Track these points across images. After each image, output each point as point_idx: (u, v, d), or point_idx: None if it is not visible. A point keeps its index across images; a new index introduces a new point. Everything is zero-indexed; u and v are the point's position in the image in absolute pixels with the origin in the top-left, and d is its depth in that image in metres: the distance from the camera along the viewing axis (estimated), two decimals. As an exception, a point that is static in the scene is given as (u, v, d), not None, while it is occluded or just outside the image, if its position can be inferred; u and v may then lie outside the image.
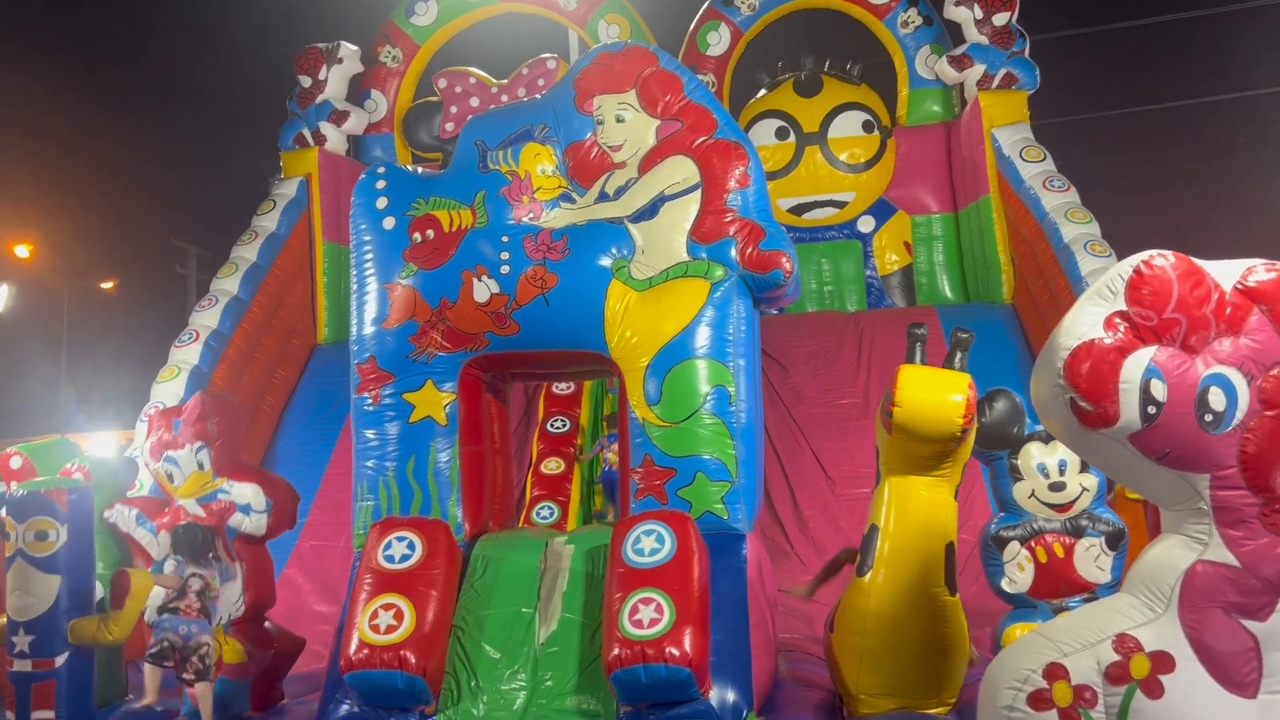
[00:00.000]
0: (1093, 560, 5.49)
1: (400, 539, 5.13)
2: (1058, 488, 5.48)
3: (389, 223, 5.65)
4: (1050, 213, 9.25)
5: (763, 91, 11.48)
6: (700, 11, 11.53)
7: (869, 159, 11.00)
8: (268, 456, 9.38)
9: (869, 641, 4.81)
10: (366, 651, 4.75)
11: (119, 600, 5.13)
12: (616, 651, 4.54)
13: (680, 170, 5.54)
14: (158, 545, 5.69)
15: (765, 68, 11.65)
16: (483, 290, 5.51)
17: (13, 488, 6.07)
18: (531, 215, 5.59)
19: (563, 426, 8.90)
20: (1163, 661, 3.26)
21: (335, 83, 11.11)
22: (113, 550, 6.00)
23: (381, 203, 5.69)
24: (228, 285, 9.82)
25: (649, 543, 4.86)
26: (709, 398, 5.32)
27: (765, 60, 11.72)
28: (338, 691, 4.98)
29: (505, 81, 11.43)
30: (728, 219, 5.47)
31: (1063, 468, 5.48)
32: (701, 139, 5.57)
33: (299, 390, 10.22)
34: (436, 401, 5.55)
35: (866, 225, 10.95)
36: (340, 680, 4.93)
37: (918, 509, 4.83)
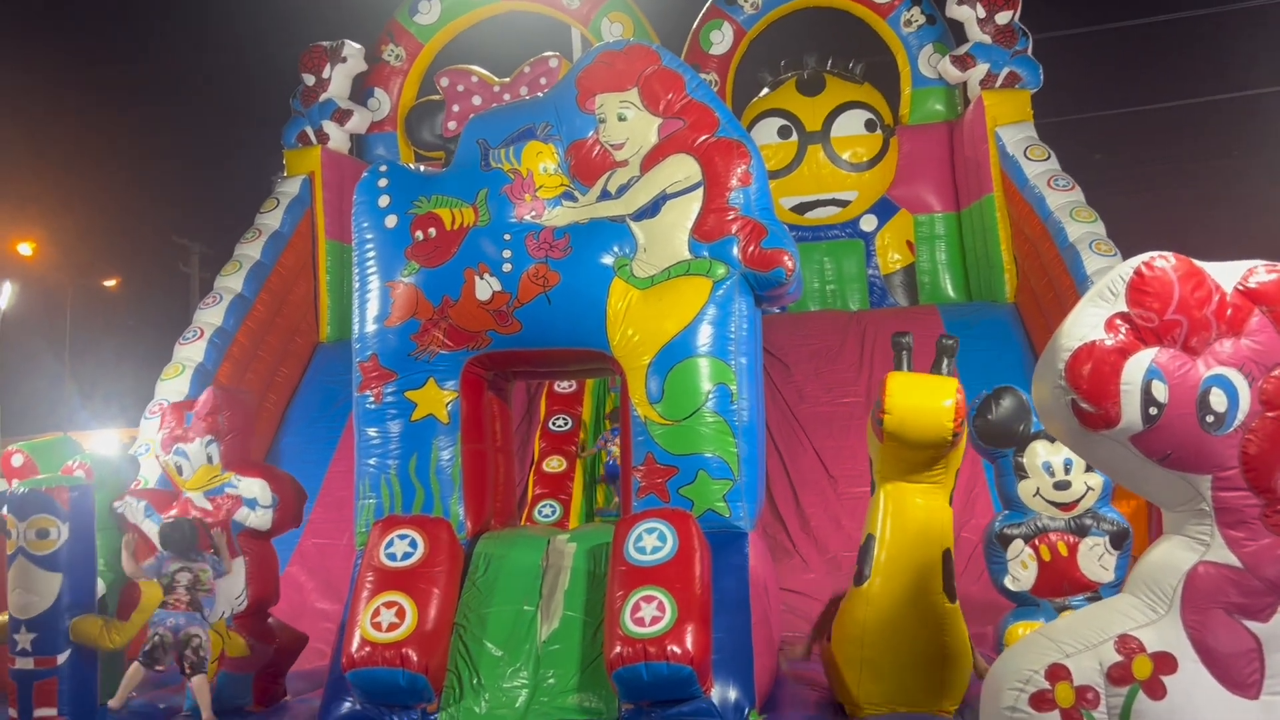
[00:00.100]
0: (1096, 559, 5.49)
1: (402, 537, 5.14)
2: (1063, 486, 5.48)
3: (391, 221, 5.65)
4: (1055, 212, 9.24)
5: (765, 90, 11.48)
6: (703, 10, 11.52)
7: (871, 158, 10.99)
8: (271, 454, 9.40)
9: (868, 651, 4.82)
10: (368, 649, 4.76)
11: (125, 611, 5.13)
12: (618, 649, 4.55)
13: (682, 168, 5.54)
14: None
15: (768, 66, 11.65)
16: (485, 288, 5.51)
17: (14, 485, 6.10)
18: (533, 213, 5.59)
19: (564, 425, 8.90)
20: (1165, 662, 3.26)
21: (339, 81, 11.12)
22: (116, 539, 6.01)
23: (384, 201, 5.70)
24: (231, 283, 9.84)
25: (651, 541, 4.87)
26: (711, 396, 5.32)
27: (768, 59, 11.72)
28: (340, 689, 4.99)
29: (508, 80, 11.44)
30: (730, 217, 5.47)
31: (1068, 466, 5.48)
32: (703, 137, 5.56)
33: (302, 388, 10.24)
34: (438, 399, 5.56)
35: (869, 224, 10.94)
36: (342, 677, 4.94)
37: (914, 517, 4.86)
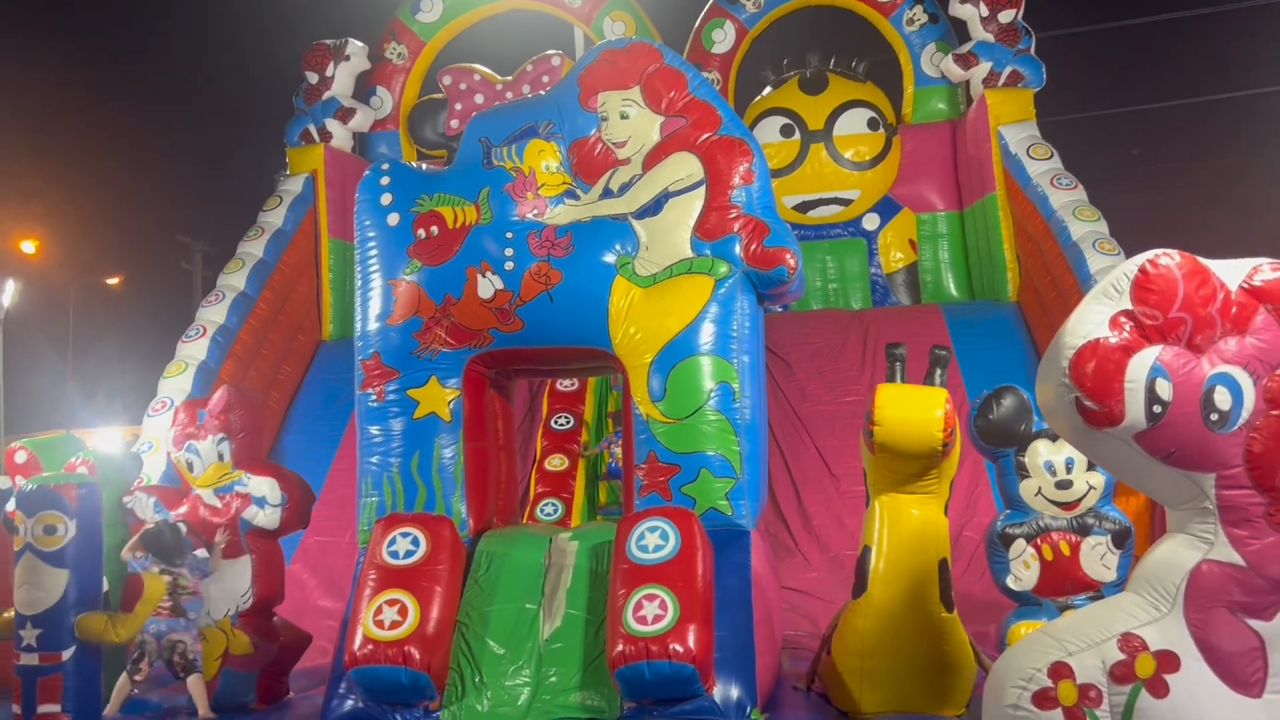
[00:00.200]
0: (1099, 558, 5.48)
1: (404, 535, 5.14)
2: (1064, 485, 5.47)
3: (393, 219, 5.65)
4: (1058, 210, 9.23)
5: (768, 89, 11.47)
6: (705, 8, 11.51)
7: (874, 156, 10.99)
8: (273, 452, 9.40)
9: (868, 663, 4.84)
10: (371, 647, 4.76)
11: (129, 603, 5.15)
12: (620, 648, 4.55)
13: (684, 167, 5.53)
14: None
15: (770, 65, 11.64)
16: (487, 286, 5.51)
17: (17, 481, 6.11)
18: (536, 211, 5.59)
19: (566, 423, 8.90)
20: (1168, 661, 3.25)
21: (342, 79, 11.12)
22: (117, 536, 6.02)
23: (386, 199, 5.69)
24: (234, 281, 9.84)
25: (653, 539, 4.87)
26: (713, 394, 5.32)
27: (770, 57, 11.71)
28: (342, 686, 4.99)
29: (510, 78, 11.44)
30: (732, 215, 5.46)
31: (1070, 465, 5.47)
32: (706, 135, 5.56)
33: (304, 386, 10.24)
34: (441, 397, 5.55)
35: (871, 223, 10.93)
36: (345, 675, 4.94)
37: (909, 527, 4.89)
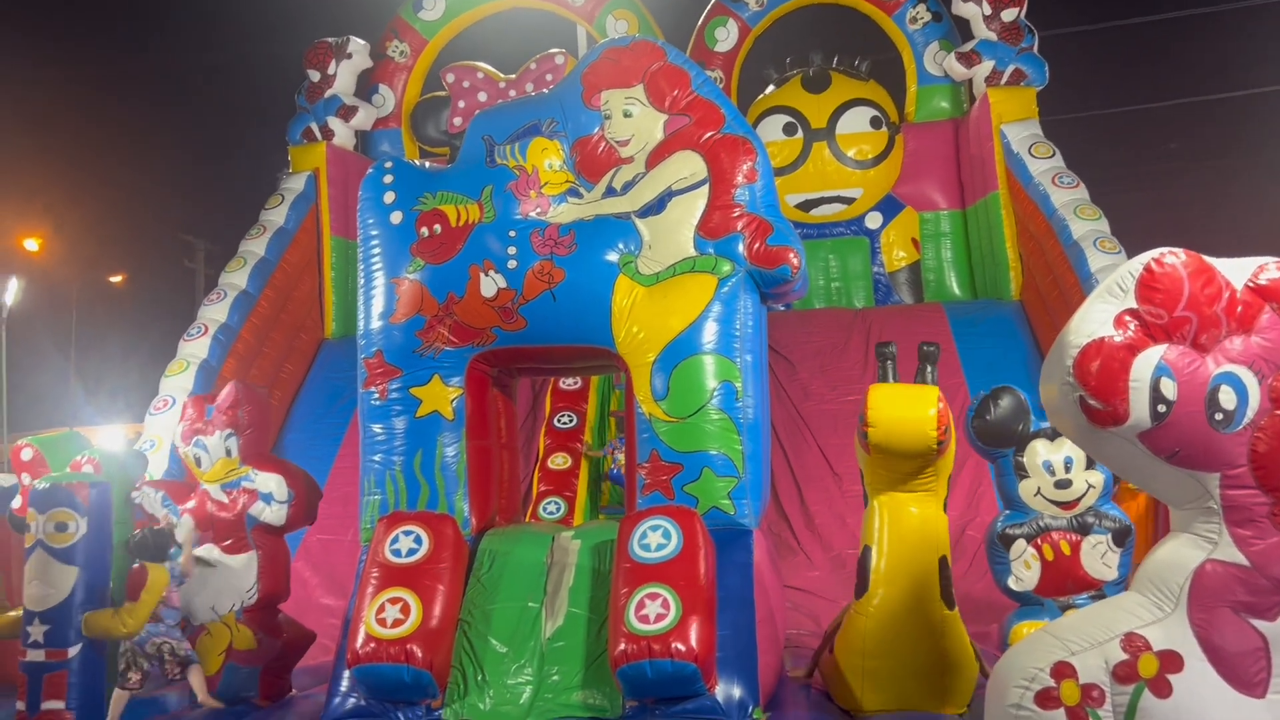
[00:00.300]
0: (1099, 557, 5.48)
1: (407, 533, 5.14)
2: (1063, 485, 5.47)
3: (396, 217, 5.64)
4: (1059, 209, 9.23)
5: (770, 87, 11.46)
6: (708, 7, 11.51)
7: (877, 155, 10.98)
8: (275, 450, 9.38)
9: (870, 662, 4.84)
10: (373, 645, 4.76)
11: (135, 592, 5.17)
12: (623, 646, 4.55)
13: (688, 165, 5.52)
14: (180, 529, 5.78)
15: (773, 63, 11.63)
16: (490, 285, 5.51)
17: (24, 478, 6.12)
18: (539, 210, 5.58)
19: (569, 422, 8.90)
20: (1171, 661, 3.25)
21: (344, 77, 11.11)
22: (129, 529, 6.05)
23: (389, 197, 5.69)
24: (236, 279, 9.85)
25: (655, 538, 4.86)
26: (716, 393, 5.31)
27: (773, 56, 11.70)
28: (344, 684, 5.00)
29: (513, 76, 11.43)
30: (735, 214, 5.45)
31: (1068, 465, 5.46)
32: (709, 134, 5.55)
33: (306, 384, 10.24)
34: (443, 396, 5.55)
35: (874, 221, 10.93)
36: (347, 673, 4.94)
37: (909, 526, 4.90)
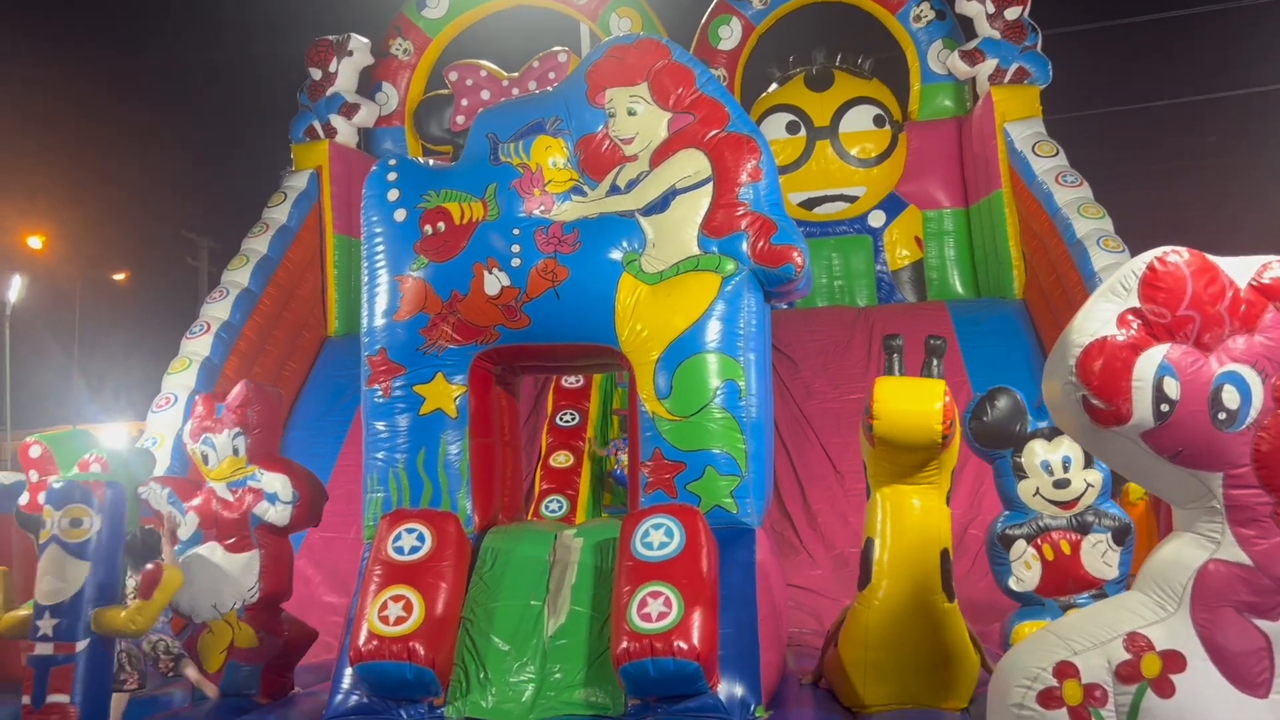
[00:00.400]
0: (1100, 556, 5.48)
1: (410, 531, 5.15)
2: (1062, 484, 5.46)
3: (400, 215, 5.65)
4: (1063, 208, 9.22)
5: (774, 86, 11.45)
6: (711, 5, 11.50)
7: (880, 153, 10.97)
8: (278, 448, 9.40)
9: (872, 654, 4.84)
10: (376, 643, 4.76)
11: (148, 591, 5.20)
12: (625, 645, 4.55)
13: (692, 163, 5.52)
14: (186, 525, 5.79)
15: (776, 62, 11.62)
16: (493, 283, 5.51)
17: (30, 475, 6.14)
18: (542, 208, 5.58)
19: (572, 420, 8.90)
20: (1174, 660, 3.24)
21: (346, 75, 11.11)
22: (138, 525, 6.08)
23: (393, 195, 5.69)
24: (238, 277, 9.85)
25: (658, 536, 4.86)
26: (719, 392, 5.31)
27: (777, 54, 11.70)
28: (347, 682, 5.00)
29: (516, 74, 11.43)
30: (739, 213, 5.45)
31: (1066, 464, 5.46)
32: (713, 132, 5.55)
33: (309, 382, 10.25)
34: (447, 394, 5.55)
35: (877, 220, 10.92)
36: (349, 671, 4.95)
37: (911, 518, 4.90)
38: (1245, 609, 3.25)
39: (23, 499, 6.16)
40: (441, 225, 5.58)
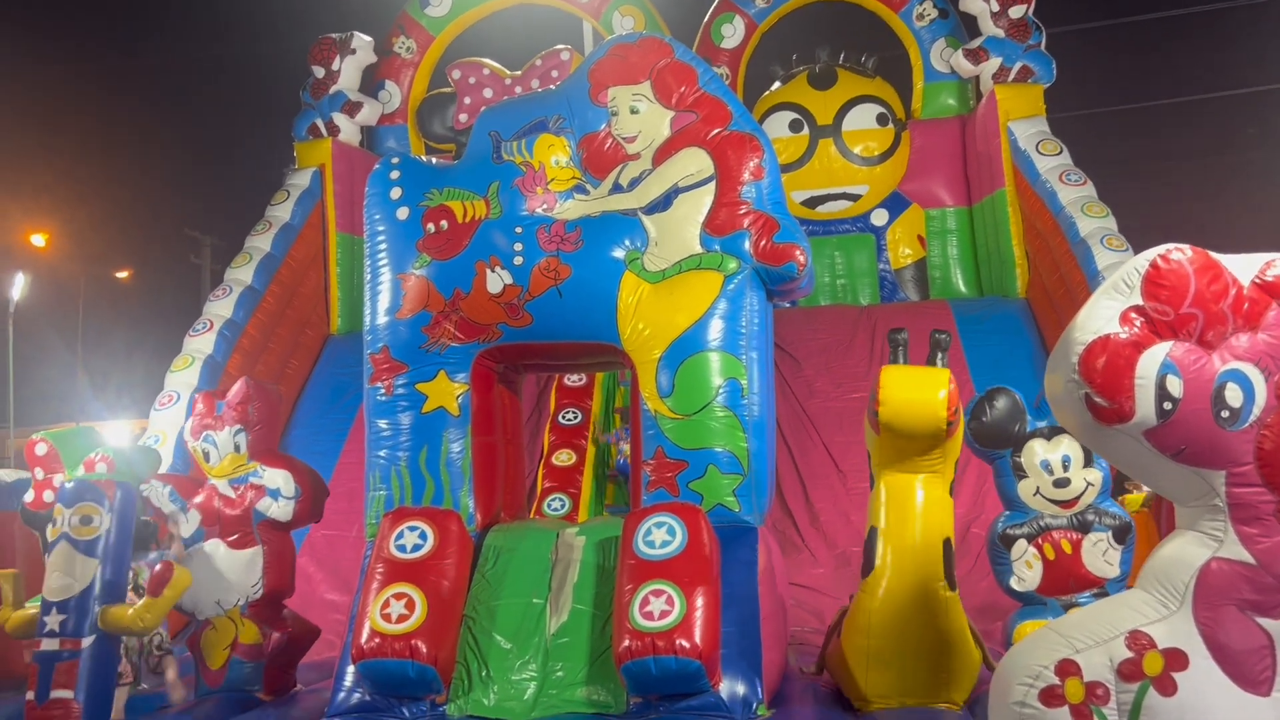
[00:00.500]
0: (1101, 555, 5.47)
1: (412, 529, 5.15)
2: (1062, 484, 5.46)
3: (403, 213, 5.65)
4: (1066, 206, 9.20)
5: (777, 84, 11.44)
6: (715, 3, 11.49)
7: (883, 152, 10.95)
8: (281, 446, 9.40)
9: (874, 641, 4.85)
10: (378, 640, 4.77)
11: (156, 589, 5.21)
12: (627, 643, 4.55)
13: (694, 162, 5.52)
14: (187, 523, 5.80)
15: (779, 60, 11.61)
16: (496, 281, 5.51)
17: (36, 473, 6.15)
18: (545, 206, 5.58)
19: (574, 418, 8.90)
20: (1176, 659, 3.24)
21: (349, 73, 11.12)
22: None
23: (395, 193, 5.69)
24: (241, 275, 9.86)
25: (660, 535, 4.86)
26: (721, 390, 5.31)
27: (780, 53, 11.69)
28: (349, 679, 5.01)
29: (519, 73, 11.42)
30: (741, 211, 5.45)
31: (1066, 463, 5.46)
32: (716, 131, 5.55)
33: (312, 380, 10.25)
34: (449, 392, 5.56)
35: (880, 218, 10.91)
36: (352, 668, 4.96)
37: (915, 506, 4.91)
38: (1248, 607, 3.24)
39: (28, 496, 6.17)
40: (444, 223, 5.58)
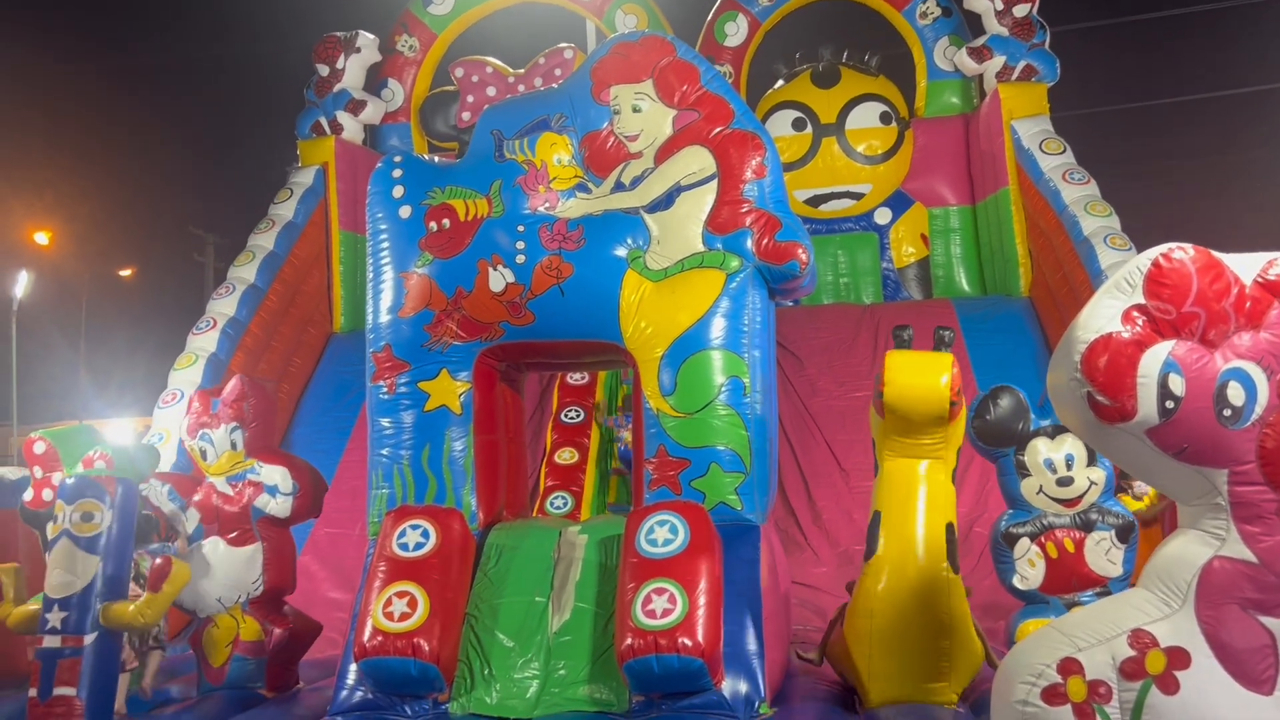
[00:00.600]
0: (1104, 554, 5.47)
1: (414, 527, 5.15)
2: (1065, 482, 5.46)
3: (405, 211, 5.65)
4: (1070, 205, 9.19)
5: (780, 82, 11.43)
6: (718, 2, 11.49)
7: (886, 150, 10.94)
8: (284, 444, 9.42)
9: (877, 622, 4.89)
10: (380, 639, 4.78)
11: (157, 584, 5.22)
12: (629, 641, 4.55)
13: (697, 160, 5.52)
14: (186, 521, 5.82)
15: (783, 58, 11.61)
16: (498, 279, 5.51)
17: (35, 471, 6.16)
18: (547, 205, 5.58)
19: (576, 417, 8.91)
20: (1178, 657, 3.24)
21: (353, 72, 11.13)
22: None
23: (398, 191, 5.69)
24: (245, 273, 9.87)
25: (662, 533, 4.87)
26: (723, 389, 5.31)
27: (783, 51, 11.68)
28: (351, 677, 5.01)
29: (522, 71, 11.42)
30: (744, 210, 5.44)
31: (1069, 462, 5.46)
32: (718, 129, 5.54)
33: (315, 378, 10.27)
34: (451, 390, 5.56)
35: (883, 217, 10.90)
36: (354, 666, 4.96)
37: (917, 490, 4.97)
38: (1250, 606, 3.24)
39: (27, 495, 6.18)
40: (446, 222, 5.58)
